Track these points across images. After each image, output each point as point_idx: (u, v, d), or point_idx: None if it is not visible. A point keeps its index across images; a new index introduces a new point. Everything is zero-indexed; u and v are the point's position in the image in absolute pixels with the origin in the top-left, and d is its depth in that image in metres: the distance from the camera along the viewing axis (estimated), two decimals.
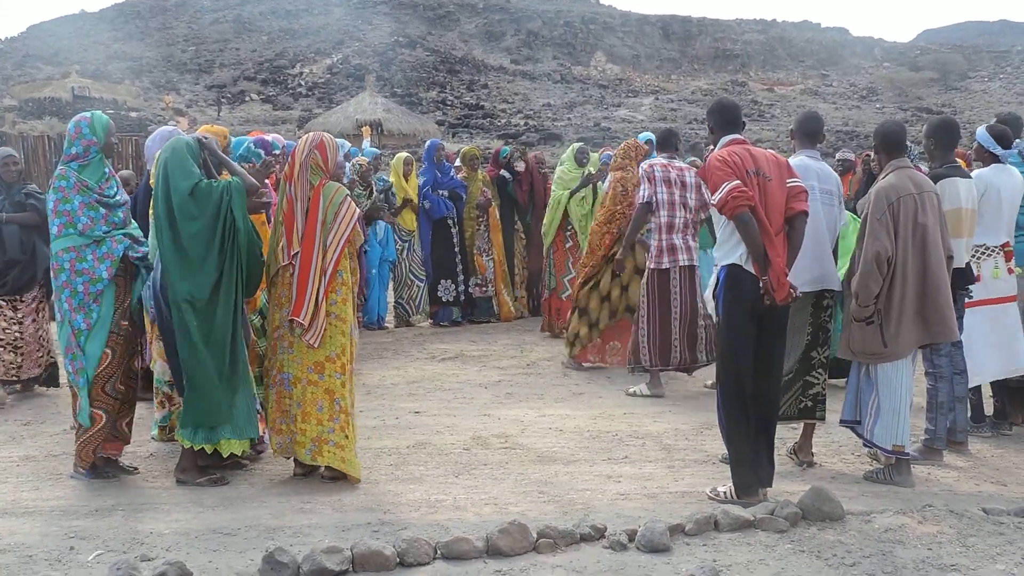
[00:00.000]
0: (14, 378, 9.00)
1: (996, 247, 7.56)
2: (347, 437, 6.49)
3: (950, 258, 6.64)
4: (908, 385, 6.58)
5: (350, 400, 6.58)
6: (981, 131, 7.80)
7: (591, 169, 12.25)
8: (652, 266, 9.29)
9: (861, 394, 6.74)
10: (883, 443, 6.62)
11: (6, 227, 8.70)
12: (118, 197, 6.60)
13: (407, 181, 13.01)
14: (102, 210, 6.45)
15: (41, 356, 9.11)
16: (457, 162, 13.88)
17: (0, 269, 8.82)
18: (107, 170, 6.62)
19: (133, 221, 6.82)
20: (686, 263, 9.24)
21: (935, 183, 6.89)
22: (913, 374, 6.71)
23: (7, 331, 8.87)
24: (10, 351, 8.89)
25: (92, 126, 6.50)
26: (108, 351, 6.46)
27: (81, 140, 6.47)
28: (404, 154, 13.59)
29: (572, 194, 12.06)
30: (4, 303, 8.89)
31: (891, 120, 7.45)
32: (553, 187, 12.59)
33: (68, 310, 6.37)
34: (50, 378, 9.25)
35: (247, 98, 64.60)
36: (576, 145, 12.98)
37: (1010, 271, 7.60)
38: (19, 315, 8.94)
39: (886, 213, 6.34)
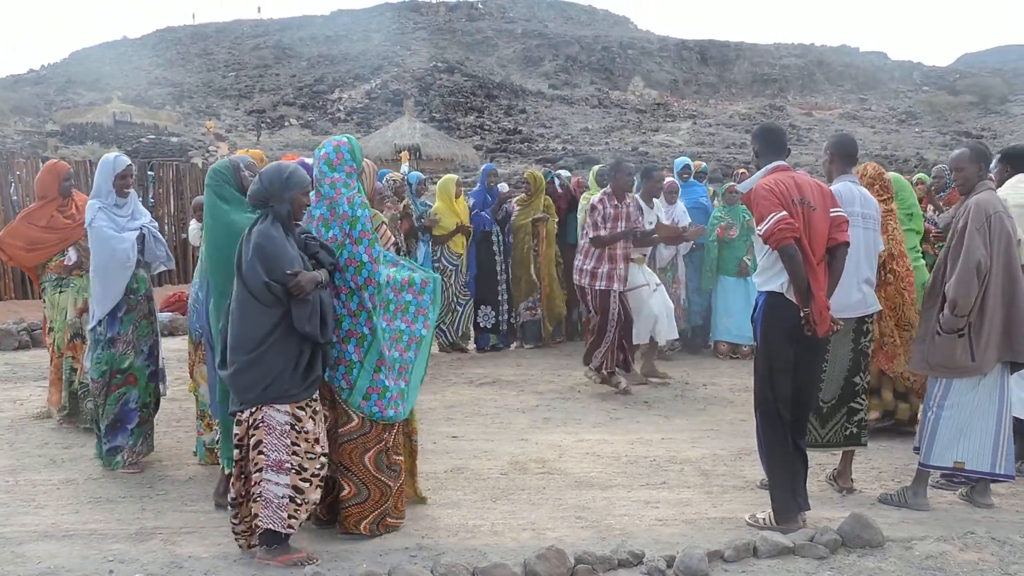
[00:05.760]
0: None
1: None
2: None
3: None
4: (979, 405, 6.47)
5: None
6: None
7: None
8: None
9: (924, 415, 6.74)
10: (941, 461, 6.57)
11: (324, 293, 5.62)
12: None
13: (456, 202, 12.93)
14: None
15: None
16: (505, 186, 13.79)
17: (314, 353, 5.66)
18: None
19: None
20: None
21: None
22: (998, 396, 6.55)
23: (310, 453, 5.53)
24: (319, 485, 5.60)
25: (353, 151, 5.97)
26: None
27: (344, 166, 5.91)
28: (453, 176, 13.54)
29: None
30: (304, 411, 5.52)
31: (975, 142, 7.46)
32: (580, 215, 12.63)
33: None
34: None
35: (286, 123, 65.04)
36: (595, 168, 13.02)
37: None
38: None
39: (984, 224, 6.34)
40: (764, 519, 6.19)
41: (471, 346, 13.23)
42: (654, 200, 11.38)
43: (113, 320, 7.39)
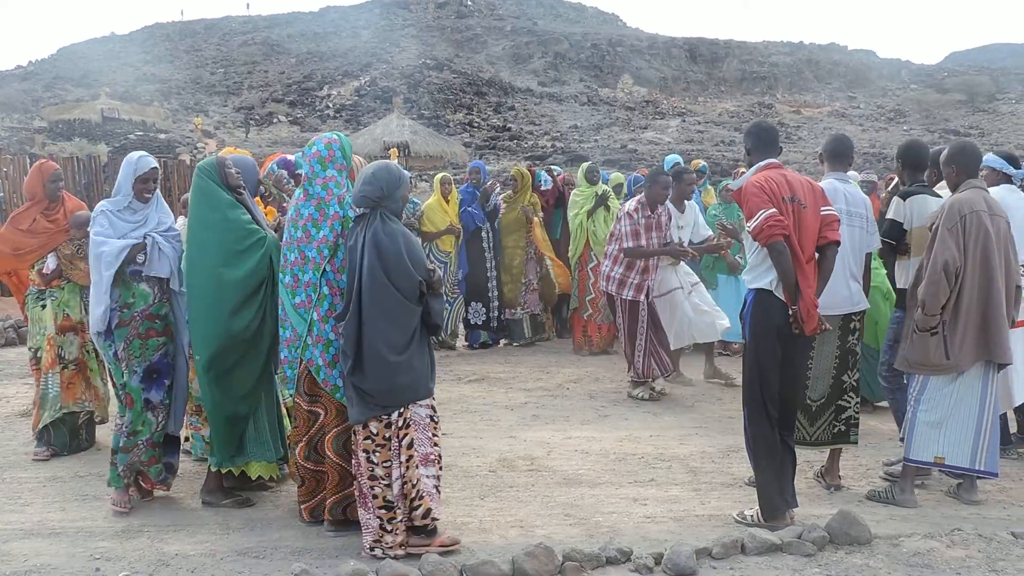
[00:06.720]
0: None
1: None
2: None
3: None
4: (959, 401, 6.48)
5: None
6: (989, 156, 7.73)
7: (604, 187, 12.33)
8: None
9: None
10: (921, 456, 6.59)
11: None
12: None
13: (447, 201, 12.91)
14: None
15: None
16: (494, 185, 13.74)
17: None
18: None
19: None
20: None
21: (904, 200, 6.91)
22: (980, 394, 6.55)
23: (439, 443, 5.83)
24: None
25: (344, 149, 5.95)
26: None
27: (335, 164, 5.87)
28: (444, 174, 13.55)
29: (590, 214, 12.10)
30: (432, 401, 5.81)
31: (959, 140, 7.44)
32: (570, 212, 12.62)
33: None
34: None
35: (275, 120, 64.85)
36: (585, 164, 12.98)
37: None
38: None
39: (957, 224, 6.33)
40: (752, 516, 6.19)
41: (460, 343, 13.22)
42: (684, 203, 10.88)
43: (108, 333, 6.54)
